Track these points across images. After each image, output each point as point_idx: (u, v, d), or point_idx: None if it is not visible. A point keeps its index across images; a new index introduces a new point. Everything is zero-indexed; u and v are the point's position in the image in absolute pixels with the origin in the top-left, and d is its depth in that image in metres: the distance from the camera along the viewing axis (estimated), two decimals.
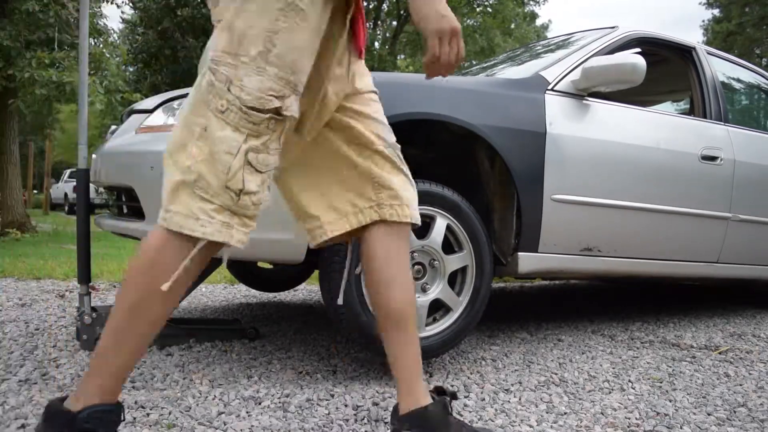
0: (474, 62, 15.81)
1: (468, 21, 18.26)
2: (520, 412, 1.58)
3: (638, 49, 2.57)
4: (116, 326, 1.05)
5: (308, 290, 3.71)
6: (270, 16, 1.03)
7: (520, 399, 1.70)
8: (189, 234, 1.03)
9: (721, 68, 2.96)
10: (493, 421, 1.52)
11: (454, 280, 1.95)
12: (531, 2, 18.77)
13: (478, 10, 17.61)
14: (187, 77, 12.87)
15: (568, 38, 2.80)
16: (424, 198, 1.85)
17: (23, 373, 1.78)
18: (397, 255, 1.25)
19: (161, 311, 1.07)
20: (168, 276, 1.03)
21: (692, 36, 27.18)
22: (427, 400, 1.24)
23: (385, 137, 1.26)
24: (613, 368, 2.07)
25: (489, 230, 2.05)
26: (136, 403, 1.55)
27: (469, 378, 1.90)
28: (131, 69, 14.72)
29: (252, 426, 1.43)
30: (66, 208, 15.89)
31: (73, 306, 2.93)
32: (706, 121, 2.70)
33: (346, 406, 1.60)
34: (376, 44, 17.32)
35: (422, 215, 1.86)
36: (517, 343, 2.39)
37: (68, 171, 17.27)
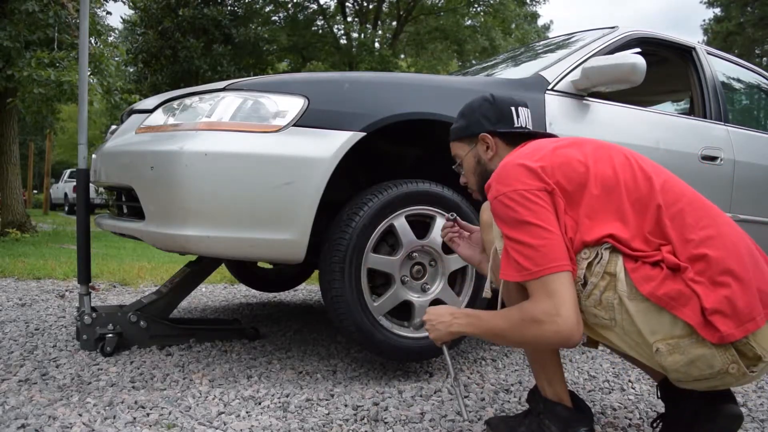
0: (474, 62, 15.82)
1: (468, 21, 18.23)
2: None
3: (638, 49, 2.57)
4: None
5: (308, 290, 3.71)
6: None
7: (520, 399, 1.70)
8: None
9: (721, 68, 2.95)
10: None
11: (455, 280, 1.95)
12: (532, 2, 18.75)
13: (478, 9, 17.57)
14: (187, 77, 12.88)
15: (568, 38, 2.79)
16: (424, 198, 1.85)
17: (23, 373, 1.78)
18: None
19: None
20: None
21: (692, 36, 27.17)
22: None
23: None
24: (613, 368, 2.07)
25: None
26: (136, 403, 1.55)
27: (469, 378, 1.90)
28: (131, 69, 14.73)
29: (252, 426, 1.43)
30: (66, 208, 15.90)
31: (73, 306, 2.93)
32: (706, 121, 2.69)
33: (346, 406, 1.60)
34: (377, 44, 17.31)
35: (422, 215, 1.87)
36: None
37: (68, 171, 17.27)
